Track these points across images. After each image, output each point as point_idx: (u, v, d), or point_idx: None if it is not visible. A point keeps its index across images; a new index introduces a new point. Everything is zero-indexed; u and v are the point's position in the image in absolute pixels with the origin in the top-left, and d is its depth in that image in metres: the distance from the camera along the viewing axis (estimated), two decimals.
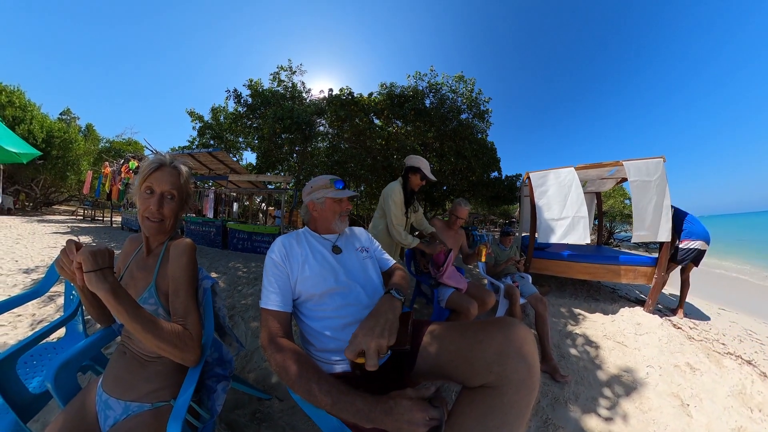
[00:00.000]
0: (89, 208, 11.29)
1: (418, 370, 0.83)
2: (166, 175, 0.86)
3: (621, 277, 3.15)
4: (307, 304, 0.95)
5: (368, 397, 0.67)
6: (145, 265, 0.89)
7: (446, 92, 7.51)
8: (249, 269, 4.15)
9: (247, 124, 8.78)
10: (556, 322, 2.63)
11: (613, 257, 3.25)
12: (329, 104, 7.01)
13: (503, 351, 0.65)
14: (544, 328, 2.01)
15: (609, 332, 2.50)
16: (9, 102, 10.24)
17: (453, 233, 2.38)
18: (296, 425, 1.29)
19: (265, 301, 0.90)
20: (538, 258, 3.55)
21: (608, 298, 3.49)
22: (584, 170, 3.50)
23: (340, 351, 0.88)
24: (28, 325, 1.96)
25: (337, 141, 8.23)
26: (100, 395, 0.79)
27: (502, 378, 0.63)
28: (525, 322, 2.71)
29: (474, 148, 7.28)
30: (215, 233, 6.43)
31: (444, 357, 0.76)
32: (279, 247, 0.99)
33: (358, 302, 0.94)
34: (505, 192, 8.83)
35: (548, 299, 3.10)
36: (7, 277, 2.90)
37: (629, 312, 2.90)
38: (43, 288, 1.28)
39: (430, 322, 0.90)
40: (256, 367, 1.70)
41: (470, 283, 2.06)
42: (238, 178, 8.18)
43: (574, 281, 4.06)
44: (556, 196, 3.37)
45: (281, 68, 9.39)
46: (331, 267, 1.00)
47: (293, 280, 0.95)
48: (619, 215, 14.39)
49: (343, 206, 1.12)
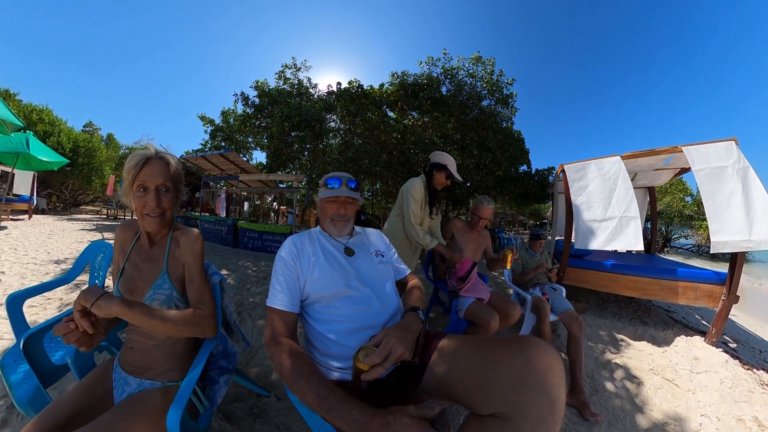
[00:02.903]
0: (112, 208, 12.68)
1: (425, 387, 0.81)
2: (157, 168, 0.88)
3: (679, 296, 2.63)
4: (315, 306, 0.95)
5: (366, 409, 0.66)
6: (150, 257, 0.95)
7: (463, 77, 7.05)
8: (259, 268, 4.35)
9: (256, 124, 8.99)
10: (592, 348, 2.37)
11: (670, 270, 2.74)
12: (338, 99, 6.87)
13: (523, 378, 0.60)
14: (578, 353, 1.81)
15: (657, 366, 2.16)
16: (39, 119, 12.30)
17: (476, 235, 2.23)
18: (291, 426, 1.34)
19: (272, 300, 0.92)
20: (575, 267, 3.12)
21: (660, 321, 3.01)
22: (633, 159, 3.02)
23: (343, 357, 0.87)
24: (56, 307, 2.32)
25: (350, 137, 8.12)
26: (117, 372, 0.91)
27: (517, 409, 0.58)
28: (554, 344, 2.40)
29: (499, 139, 6.83)
30: (226, 232, 6.82)
31: (454, 376, 0.73)
32: (290, 247, 1.01)
33: (368, 308, 0.93)
34: (536, 188, 8.30)
35: (585, 318, 2.72)
36: (40, 266, 3.44)
37: (686, 342, 2.45)
38: (70, 276, 1.53)
39: (443, 334, 0.88)
40: (258, 364, 1.79)
41: (492, 293, 1.93)
42: (248, 177, 8.38)
43: (619, 298, 3.57)
44: (599, 191, 2.91)
45: (286, 66, 9.53)
46: (342, 269, 0.99)
47: (303, 280, 0.96)
48: (677, 216, 11.77)
49: (337, 208, 1.07)
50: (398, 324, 0.83)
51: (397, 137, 7.12)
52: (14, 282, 2.84)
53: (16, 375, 1.00)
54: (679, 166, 3.62)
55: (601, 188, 2.90)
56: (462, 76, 7.05)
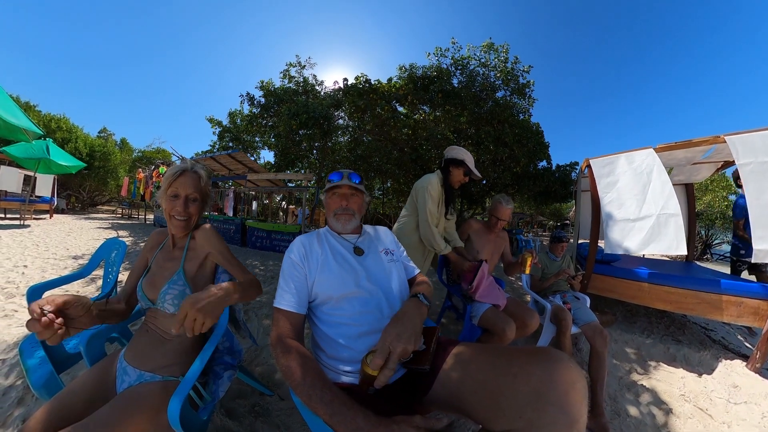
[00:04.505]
0: (127, 207, 13.66)
1: (434, 397, 0.79)
2: (189, 180, 1.03)
3: (719, 312, 2.34)
4: (323, 307, 0.95)
5: (371, 416, 0.65)
6: (171, 257, 1.07)
7: (475, 67, 6.79)
8: (266, 267, 4.48)
9: (263, 123, 9.10)
10: (616, 366, 2.20)
11: (710, 281, 2.44)
12: (346, 95, 6.80)
13: (541, 393, 0.57)
14: (600, 371, 1.69)
15: (690, 392, 1.95)
16: (58, 127, 13.94)
17: (493, 237, 2.18)
18: (292, 426, 1.35)
19: (279, 301, 0.93)
20: (601, 274, 2.88)
21: (696, 341, 2.73)
22: (668, 152, 2.75)
23: (351, 361, 0.86)
24: None
25: (359, 134, 8.03)
26: (120, 362, 0.96)
27: (533, 428, 0.56)
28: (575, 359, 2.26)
29: (516, 132, 6.53)
30: (234, 231, 7.05)
31: (467, 387, 0.71)
32: (298, 247, 1.02)
33: (378, 310, 0.92)
34: (557, 186, 7.89)
35: (610, 332, 2.52)
36: (59, 261, 3.85)
37: (724, 367, 2.22)
38: (86, 271, 1.69)
39: (457, 342, 0.86)
40: (263, 363, 1.83)
41: (509, 299, 1.88)
42: (256, 177, 8.47)
43: (650, 311, 3.29)
44: (631, 187, 2.67)
45: (290, 65, 9.59)
46: (352, 269, 0.99)
47: (311, 280, 0.96)
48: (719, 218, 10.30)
49: (339, 201, 1.07)
50: (393, 317, 0.81)
51: (408, 133, 6.99)
52: (36, 275, 3.17)
53: (32, 360, 1.12)
54: (721, 159, 3.30)
55: (634, 183, 2.66)
56: (474, 66, 6.80)
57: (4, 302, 2.40)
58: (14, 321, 2.10)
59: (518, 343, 2.30)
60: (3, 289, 2.65)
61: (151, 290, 1.01)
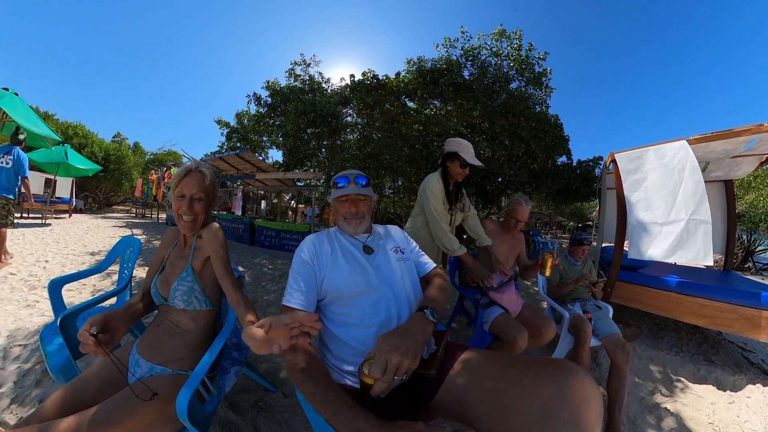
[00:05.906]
0: (140, 207, 14.80)
1: (438, 404, 0.79)
2: (194, 180, 1.07)
3: (760, 330, 2.13)
4: (332, 306, 0.96)
5: (372, 419, 0.65)
6: (182, 255, 1.14)
7: (487, 57, 6.58)
8: (275, 266, 4.60)
9: (270, 123, 9.23)
10: (638, 385, 2.07)
11: (750, 294, 2.23)
12: (353, 92, 6.77)
13: (552, 409, 0.55)
14: (620, 389, 1.61)
15: (720, 420, 1.77)
16: (75, 134, 15.27)
17: (509, 238, 2.13)
18: (293, 424, 1.39)
19: (288, 299, 0.93)
20: (627, 282, 2.72)
21: (731, 362, 2.51)
22: (704, 144, 2.54)
23: (356, 363, 0.87)
24: (90, 293, 2.80)
25: (368, 131, 7.98)
26: (133, 354, 1.03)
27: None
28: (593, 374, 2.13)
29: (532, 126, 6.31)
30: (243, 230, 7.26)
31: (473, 395, 0.71)
32: (308, 246, 1.04)
33: (386, 311, 0.93)
34: (578, 183, 7.56)
35: (634, 347, 2.40)
36: (77, 257, 4.19)
37: (762, 394, 2.04)
38: (102, 266, 1.82)
39: (466, 347, 0.86)
40: (268, 360, 1.89)
41: (524, 305, 1.82)
42: (265, 176, 8.56)
43: (680, 326, 3.09)
44: (660, 186, 2.49)
45: (295, 63, 9.69)
46: (361, 267, 1.00)
47: (320, 279, 0.98)
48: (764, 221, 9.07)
49: (348, 207, 1.10)
50: (395, 329, 0.80)
51: (419, 129, 6.88)
52: (56, 269, 3.48)
53: (51, 346, 1.21)
54: (766, 151, 3.03)
55: (664, 182, 2.47)
56: (485, 56, 6.59)
57: (27, 293, 2.64)
58: (35, 311, 2.30)
59: (532, 353, 2.22)
60: (26, 282, 2.93)
61: (163, 287, 1.09)
